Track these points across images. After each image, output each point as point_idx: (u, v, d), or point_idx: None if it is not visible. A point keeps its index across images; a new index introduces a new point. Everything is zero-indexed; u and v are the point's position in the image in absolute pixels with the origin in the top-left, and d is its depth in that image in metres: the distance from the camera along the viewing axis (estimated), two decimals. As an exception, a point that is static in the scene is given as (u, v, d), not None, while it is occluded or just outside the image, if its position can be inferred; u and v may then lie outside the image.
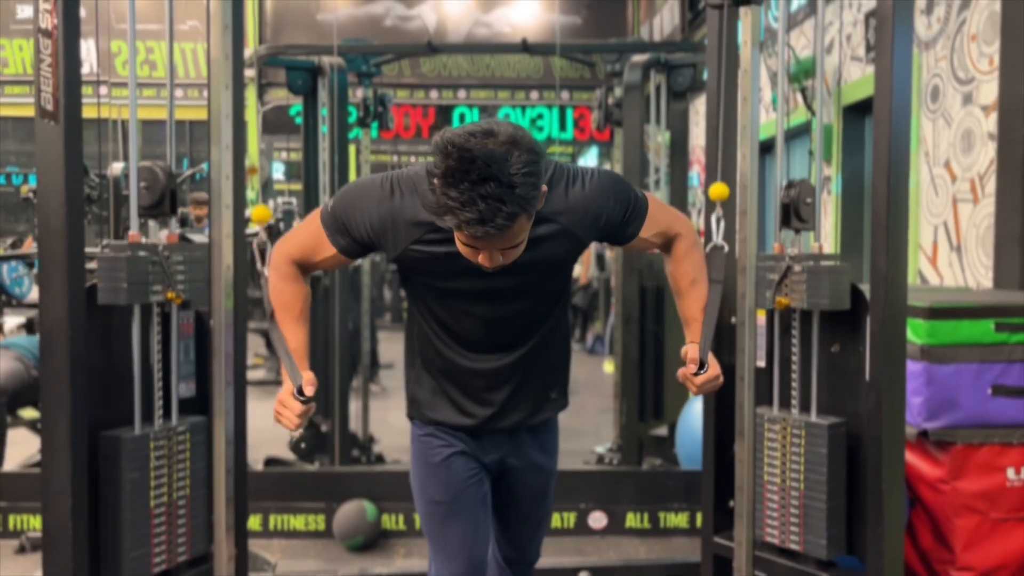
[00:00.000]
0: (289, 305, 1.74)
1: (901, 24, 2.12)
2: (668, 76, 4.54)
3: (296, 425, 1.68)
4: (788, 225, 2.41)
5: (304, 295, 1.76)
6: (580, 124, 10.76)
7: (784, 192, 2.40)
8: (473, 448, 1.82)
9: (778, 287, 2.36)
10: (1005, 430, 2.67)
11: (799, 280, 2.32)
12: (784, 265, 2.35)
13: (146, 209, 2.24)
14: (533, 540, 1.97)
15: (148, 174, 2.23)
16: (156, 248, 2.18)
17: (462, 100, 11.02)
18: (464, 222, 1.39)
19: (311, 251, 1.71)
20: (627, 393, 4.43)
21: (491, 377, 1.77)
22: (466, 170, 1.36)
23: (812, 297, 2.29)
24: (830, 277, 2.26)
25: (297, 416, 1.67)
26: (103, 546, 2.16)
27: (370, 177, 1.68)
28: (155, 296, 2.17)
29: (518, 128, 1.43)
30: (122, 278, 2.09)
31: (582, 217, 1.64)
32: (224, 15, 2.28)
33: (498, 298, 1.68)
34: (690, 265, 1.80)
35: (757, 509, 2.45)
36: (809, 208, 2.38)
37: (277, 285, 1.75)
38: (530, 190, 1.41)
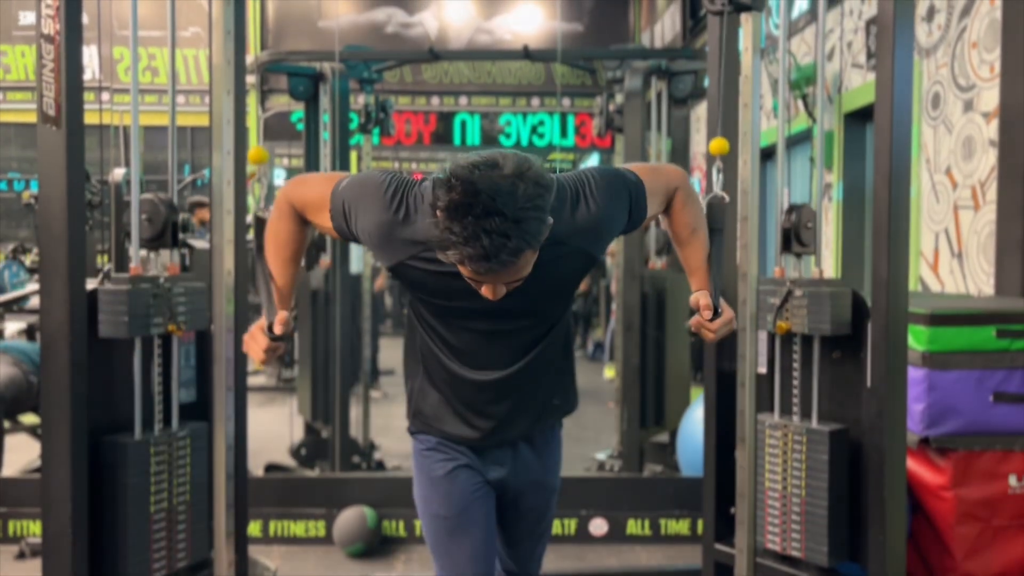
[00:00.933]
0: (283, 243, 1.73)
1: (902, 31, 2.12)
2: (669, 83, 4.55)
3: (261, 360, 1.69)
4: (789, 250, 2.42)
5: (300, 238, 1.74)
6: (581, 131, 10.77)
7: (785, 217, 2.40)
8: (476, 463, 1.79)
9: (779, 312, 2.36)
10: (1007, 437, 2.67)
11: (800, 305, 2.32)
12: (785, 290, 2.36)
13: (148, 241, 2.25)
14: (533, 555, 1.95)
15: (150, 206, 2.24)
16: (157, 281, 2.18)
17: (463, 107, 11.03)
18: (467, 257, 1.34)
19: (312, 210, 1.69)
20: (628, 399, 4.42)
21: (493, 390, 1.74)
22: (470, 204, 1.31)
23: (813, 322, 2.30)
24: (831, 302, 2.26)
25: (263, 351, 1.68)
26: (103, 552, 2.16)
27: (382, 176, 1.61)
28: (156, 329, 2.19)
29: (524, 159, 1.38)
30: (123, 312, 2.10)
31: (593, 236, 1.61)
32: (226, 21, 2.29)
33: (500, 316, 1.64)
34: (689, 215, 1.77)
35: (758, 516, 2.45)
36: (810, 232, 2.39)
37: (276, 221, 1.73)
38: (536, 224, 1.35)
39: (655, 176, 1.73)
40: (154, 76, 10.26)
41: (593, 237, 1.61)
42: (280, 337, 1.69)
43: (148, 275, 2.21)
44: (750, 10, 2.39)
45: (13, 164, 10.89)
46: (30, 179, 9.05)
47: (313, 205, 1.69)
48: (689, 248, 1.80)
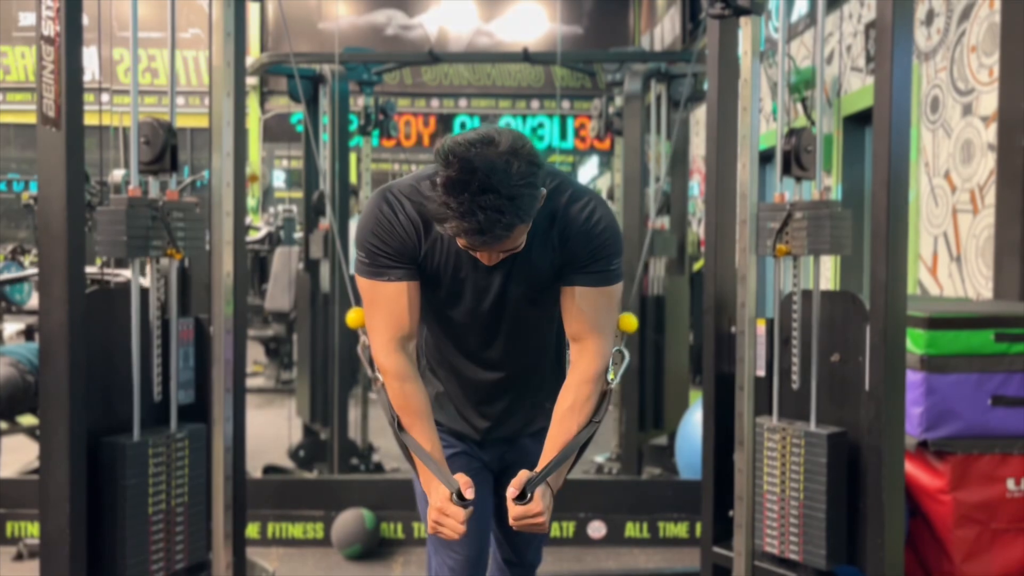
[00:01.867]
0: (416, 408, 1.64)
1: (901, 35, 2.12)
2: (668, 86, 4.56)
3: (462, 532, 1.57)
4: (789, 173, 2.39)
5: (425, 393, 1.67)
6: (581, 133, 10.79)
7: (785, 140, 2.38)
8: (474, 450, 1.85)
9: (779, 235, 2.34)
10: (1005, 440, 2.67)
11: (800, 227, 2.30)
12: (785, 213, 2.33)
13: (146, 165, 2.21)
14: (532, 543, 1.98)
15: (149, 129, 2.20)
16: (156, 203, 2.16)
17: (463, 109, 11.05)
18: (464, 231, 1.41)
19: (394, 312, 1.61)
20: (627, 402, 4.42)
21: (488, 390, 1.79)
22: (467, 181, 1.38)
23: (813, 243, 2.27)
24: (831, 223, 2.24)
25: (462, 523, 1.56)
26: (101, 553, 2.16)
27: (367, 207, 1.64)
28: (155, 252, 2.14)
29: (519, 137, 1.44)
30: (121, 231, 2.06)
31: (565, 230, 1.60)
32: (226, 23, 2.29)
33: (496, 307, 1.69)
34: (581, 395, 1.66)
35: (757, 519, 2.45)
36: (810, 156, 2.36)
37: (398, 389, 1.64)
38: (529, 200, 1.42)
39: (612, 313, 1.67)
40: (154, 77, 10.26)
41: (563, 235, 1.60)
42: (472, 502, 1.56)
43: (147, 198, 2.18)
44: (749, 13, 2.40)
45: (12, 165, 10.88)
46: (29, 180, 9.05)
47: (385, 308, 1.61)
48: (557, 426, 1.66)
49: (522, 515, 1.57)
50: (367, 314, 1.67)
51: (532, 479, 1.58)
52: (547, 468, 1.60)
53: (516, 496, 1.56)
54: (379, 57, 5.36)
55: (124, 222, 2.07)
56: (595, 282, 1.62)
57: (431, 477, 1.61)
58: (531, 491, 1.57)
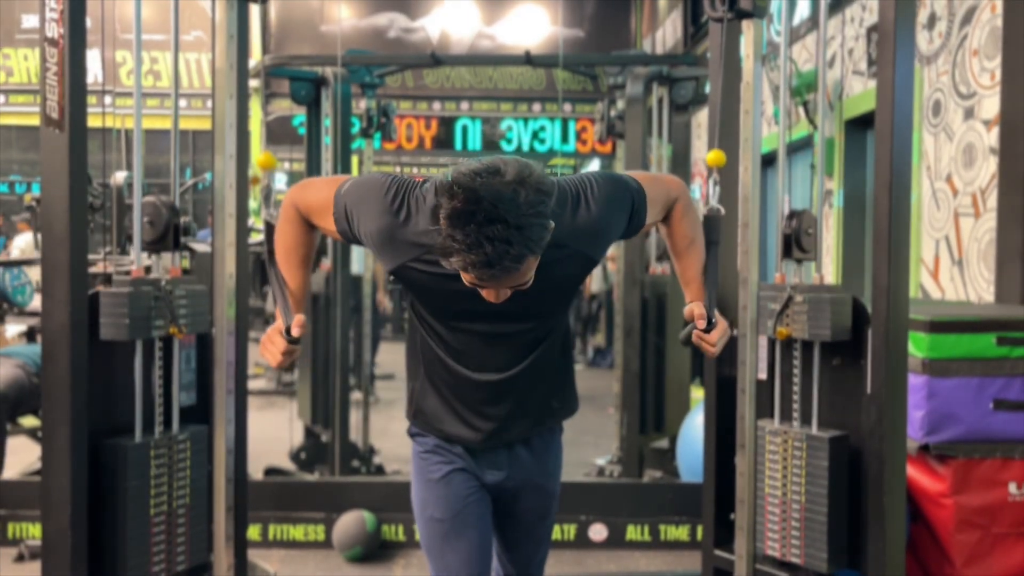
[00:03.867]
0: (292, 248, 1.75)
1: (903, 39, 2.13)
2: (670, 89, 4.56)
3: (278, 363, 1.71)
4: (790, 256, 2.42)
5: (309, 242, 1.77)
6: (582, 136, 10.78)
7: (786, 223, 2.41)
8: (473, 467, 1.80)
9: (779, 317, 2.37)
10: (1007, 444, 2.67)
11: (800, 311, 2.33)
12: (786, 295, 2.36)
13: (149, 244, 2.26)
14: (534, 560, 1.95)
15: (152, 209, 2.24)
16: (159, 283, 2.19)
17: (465, 111, 11.04)
18: (470, 264, 1.35)
19: (316, 213, 1.71)
20: (628, 405, 4.42)
21: (493, 391, 1.75)
22: (472, 212, 1.32)
23: (813, 328, 2.30)
24: (831, 308, 2.26)
25: (281, 353, 1.69)
26: (102, 554, 2.16)
27: (382, 179, 1.62)
28: (157, 331, 2.19)
29: (526, 165, 1.39)
30: (124, 314, 2.10)
31: (593, 237, 1.61)
32: (229, 26, 2.29)
33: (500, 318, 1.65)
34: (687, 226, 1.80)
35: (758, 522, 2.45)
36: (810, 238, 2.39)
37: (284, 227, 1.75)
38: (538, 231, 1.37)
39: (655, 184, 1.75)
40: (157, 80, 10.28)
41: (592, 240, 1.62)
42: (297, 340, 1.70)
43: (150, 278, 2.21)
44: (751, 17, 2.40)
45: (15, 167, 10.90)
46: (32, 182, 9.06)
47: (317, 209, 1.71)
48: (686, 260, 1.82)
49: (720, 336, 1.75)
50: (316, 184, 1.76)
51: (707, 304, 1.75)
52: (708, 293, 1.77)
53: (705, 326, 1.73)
54: (381, 60, 5.38)
55: (127, 305, 2.10)
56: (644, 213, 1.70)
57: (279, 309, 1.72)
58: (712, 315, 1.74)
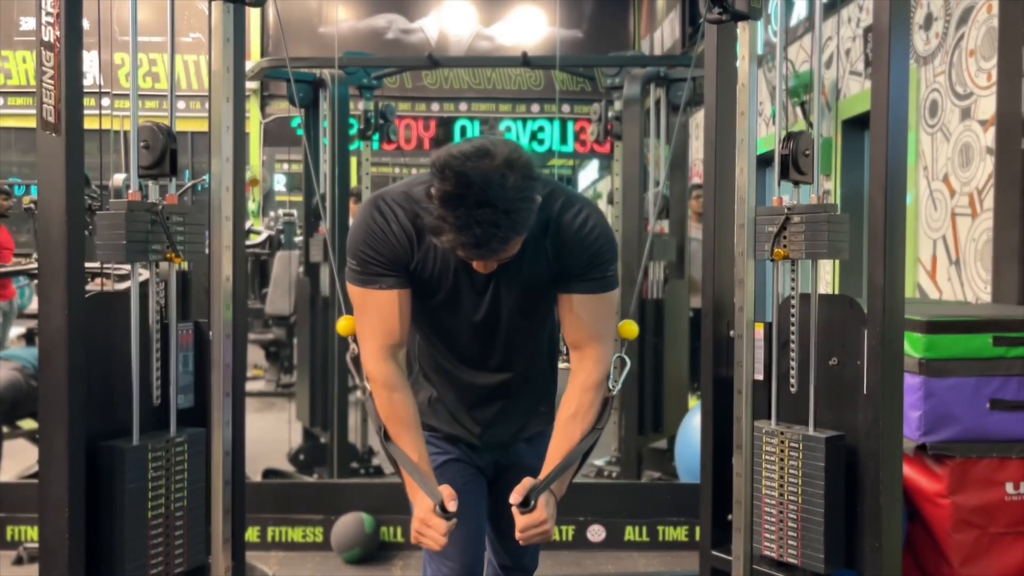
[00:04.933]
0: (403, 417, 1.66)
1: (898, 39, 2.13)
2: (668, 90, 4.56)
3: (443, 544, 1.59)
4: (787, 177, 2.39)
5: (414, 403, 1.68)
6: (581, 137, 10.79)
7: (783, 144, 2.37)
8: (467, 455, 1.85)
9: (776, 239, 2.34)
10: (1003, 444, 2.67)
11: (797, 231, 2.30)
12: (782, 217, 2.33)
13: (146, 169, 2.19)
14: (528, 549, 1.97)
15: (148, 133, 2.19)
16: (155, 207, 2.16)
17: (463, 112, 11.05)
18: (460, 244, 1.43)
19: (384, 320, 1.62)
20: (626, 406, 4.43)
21: (485, 393, 1.79)
22: (463, 195, 1.38)
23: (811, 248, 2.27)
24: (828, 227, 2.24)
25: (443, 535, 1.58)
26: (100, 557, 2.16)
27: (359, 215, 1.64)
28: (155, 256, 2.15)
29: (514, 148, 1.44)
30: (121, 235, 2.05)
31: (559, 238, 1.61)
32: (225, 28, 2.29)
33: (490, 314, 1.69)
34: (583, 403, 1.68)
35: (755, 523, 2.45)
36: (808, 160, 2.35)
37: (386, 398, 1.65)
38: (525, 214, 1.43)
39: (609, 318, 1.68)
40: (154, 81, 10.28)
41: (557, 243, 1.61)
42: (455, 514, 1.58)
43: (147, 202, 2.17)
44: (747, 18, 2.40)
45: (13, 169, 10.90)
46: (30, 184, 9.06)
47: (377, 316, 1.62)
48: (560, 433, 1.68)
49: (527, 525, 1.58)
50: (357, 322, 1.67)
51: (535, 487, 1.59)
52: (550, 476, 1.61)
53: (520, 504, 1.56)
54: (379, 61, 5.37)
55: (123, 226, 2.07)
56: (592, 289, 1.64)
57: (416, 488, 1.61)
58: (535, 498, 1.57)
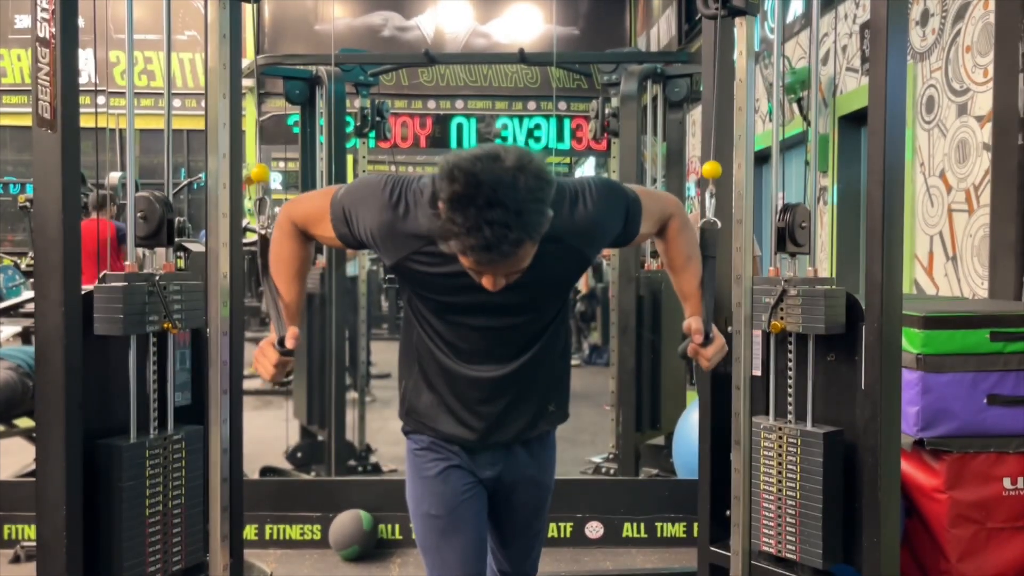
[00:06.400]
0: (287, 260, 1.77)
1: (895, 35, 2.13)
2: (664, 86, 4.56)
3: (271, 375, 1.72)
4: (783, 249, 2.42)
5: (304, 255, 1.79)
6: (577, 134, 10.79)
7: (780, 216, 2.41)
8: (468, 463, 1.81)
9: (774, 311, 2.37)
10: (1001, 439, 2.68)
11: (794, 304, 2.34)
12: (779, 289, 2.37)
13: (143, 239, 2.25)
14: (528, 556, 1.95)
15: (145, 204, 2.24)
16: (153, 278, 2.18)
17: (460, 110, 11.04)
18: (469, 248, 1.38)
19: (313, 222, 1.73)
20: (624, 402, 4.43)
21: (489, 388, 1.75)
22: (472, 195, 1.35)
23: (808, 322, 2.31)
24: (825, 301, 2.27)
25: (273, 365, 1.71)
26: (98, 555, 2.16)
27: (379, 178, 1.66)
28: (152, 327, 2.18)
29: (525, 153, 1.42)
30: (119, 310, 2.09)
31: (588, 235, 1.64)
32: (222, 25, 2.29)
33: (498, 312, 1.67)
34: (684, 243, 1.84)
35: (753, 518, 2.45)
36: (804, 232, 2.39)
37: (279, 240, 1.78)
38: (537, 216, 1.39)
39: (652, 199, 1.80)
40: (150, 79, 10.25)
41: (587, 237, 1.64)
42: (291, 352, 1.71)
43: (144, 273, 2.21)
44: (744, 14, 2.40)
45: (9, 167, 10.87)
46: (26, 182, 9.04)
47: (314, 218, 1.73)
48: (683, 275, 1.85)
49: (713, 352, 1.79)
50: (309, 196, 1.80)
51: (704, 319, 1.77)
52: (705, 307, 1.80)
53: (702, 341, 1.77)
54: (375, 59, 5.38)
55: (121, 300, 2.09)
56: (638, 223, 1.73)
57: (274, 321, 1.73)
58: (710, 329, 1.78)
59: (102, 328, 2.11)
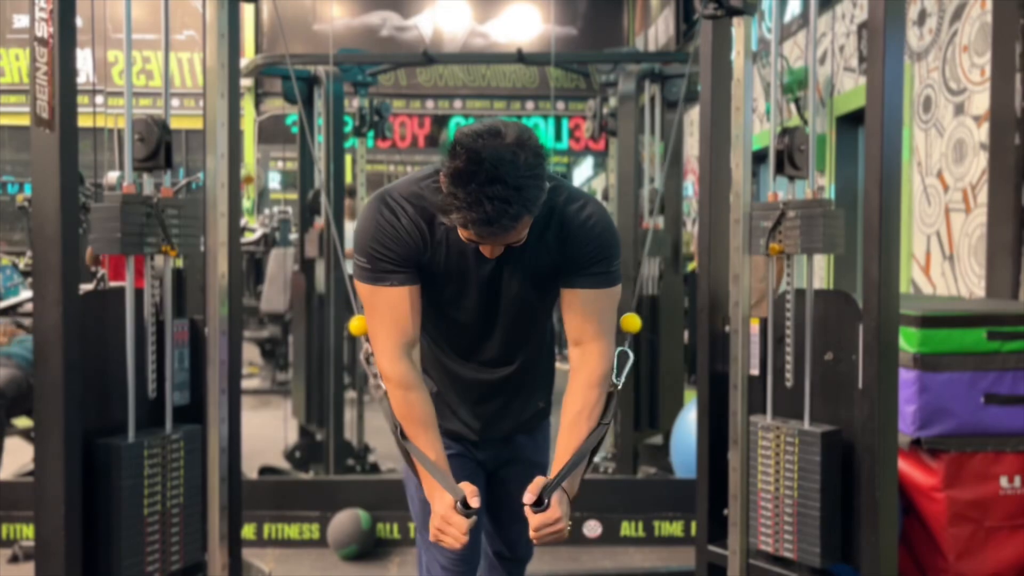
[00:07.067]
0: (420, 416, 1.63)
1: (892, 35, 2.14)
2: (662, 86, 4.56)
3: (464, 543, 1.55)
4: (782, 172, 2.40)
5: (430, 401, 1.66)
6: (575, 134, 10.80)
7: (778, 139, 2.38)
8: (467, 450, 1.86)
9: (772, 234, 2.35)
10: (998, 438, 2.68)
11: (793, 226, 2.31)
12: (778, 212, 2.34)
13: (141, 162, 2.19)
14: (524, 536, 1.96)
15: (143, 126, 2.19)
16: (151, 200, 2.16)
17: (458, 110, 11.04)
18: (471, 221, 1.42)
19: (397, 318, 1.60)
20: (622, 402, 4.43)
21: (486, 388, 1.80)
22: (474, 172, 1.39)
23: (806, 242, 2.28)
24: (824, 222, 2.26)
25: (464, 533, 1.55)
26: (96, 555, 2.16)
27: (366, 212, 1.63)
28: (150, 248, 2.14)
29: (525, 129, 1.46)
30: (116, 228, 2.05)
31: (562, 230, 1.62)
32: (220, 24, 2.29)
33: (492, 307, 1.70)
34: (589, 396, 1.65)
35: (751, 517, 2.46)
36: (803, 155, 2.36)
37: (401, 397, 1.62)
38: (535, 191, 1.44)
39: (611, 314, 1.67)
40: (148, 79, 10.24)
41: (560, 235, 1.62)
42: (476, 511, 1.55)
43: (141, 195, 2.17)
44: (742, 14, 2.41)
45: (7, 167, 10.86)
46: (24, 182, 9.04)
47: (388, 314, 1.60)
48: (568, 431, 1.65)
49: (542, 523, 1.56)
50: (369, 321, 1.64)
51: (548, 485, 1.57)
52: (561, 473, 1.60)
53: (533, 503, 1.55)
54: (374, 58, 5.37)
55: (119, 219, 2.07)
56: (595, 284, 1.63)
57: (435, 485, 1.59)
58: (548, 497, 1.56)
59: (99, 247, 2.07)
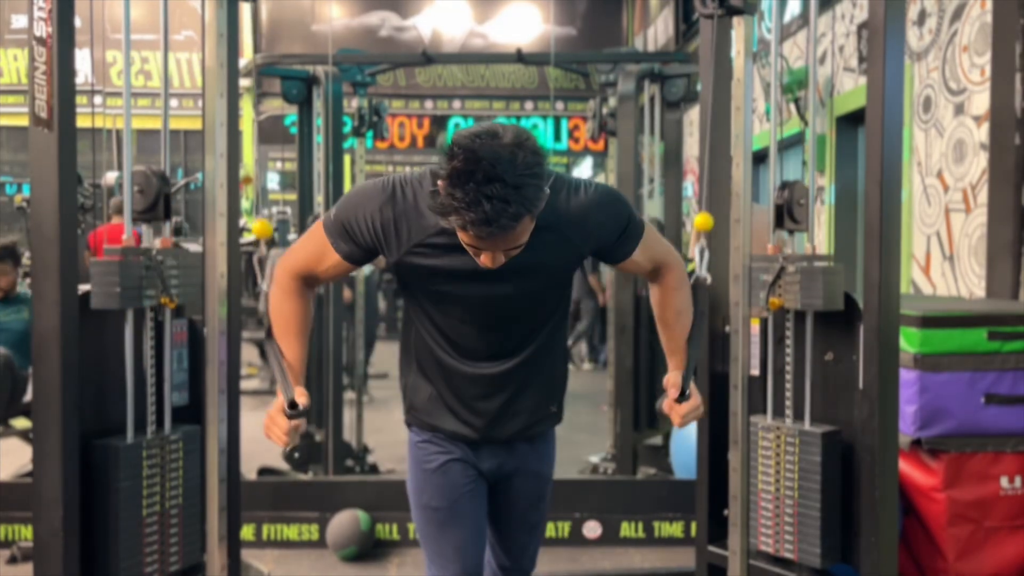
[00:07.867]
0: (288, 320, 1.74)
1: (893, 35, 2.13)
2: (662, 86, 4.56)
3: (284, 442, 1.67)
4: (782, 226, 2.41)
5: (305, 312, 1.76)
6: (575, 134, 10.80)
7: (778, 193, 2.40)
8: (470, 455, 1.82)
9: (771, 288, 2.36)
10: (998, 439, 2.68)
11: (792, 281, 2.32)
12: (778, 266, 2.35)
13: (140, 214, 2.22)
14: (528, 548, 1.96)
15: (142, 178, 2.22)
16: (150, 252, 2.17)
17: (457, 110, 11.04)
18: (469, 222, 1.40)
19: (314, 261, 1.71)
20: (621, 402, 4.43)
21: (487, 385, 1.76)
22: (471, 171, 1.38)
23: (806, 298, 2.29)
24: (823, 278, 2.26)
25: (285, 433, 1.65)
26: (95, 555, 2.15)
27: (372, 181, 1.68)
28: (148, 301, 2.16)
29: (522, 130, 1.46)
30: (115, 283, 2.07)
31: (580, 226, 1.64)
32: (219, 24, 2.29)
33: (496, 305, 1.69)
34: (677, 298, 1.82)
35: (751, 518, 2.45)
36: (802, 209, 2.38)
37: (278, 299, 1.74)
38: (534, 191, 1.42)
39: (657, 238, 1.80)
40: (147, 79, 10.24)
41: (580, 228, 1.65)
42: (302, 412, 1.66)
43: (140, 247, 2.19)
44: (742, 14, 2.40)
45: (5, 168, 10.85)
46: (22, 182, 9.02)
47: (313, 255, 1.71)
48: (673, 331, 1.84)
49: (688, 410, 1.71)
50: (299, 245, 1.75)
51: (684, 375, 1.72)
52: (688, 362, 1.75)
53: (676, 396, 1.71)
54: (372, 58, 5.37)
55: (117, 273, 2.08)
56: (633, 245, 1.73)
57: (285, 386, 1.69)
58: (687, 387, 1.72)
59: (98, 302, 2.09)
